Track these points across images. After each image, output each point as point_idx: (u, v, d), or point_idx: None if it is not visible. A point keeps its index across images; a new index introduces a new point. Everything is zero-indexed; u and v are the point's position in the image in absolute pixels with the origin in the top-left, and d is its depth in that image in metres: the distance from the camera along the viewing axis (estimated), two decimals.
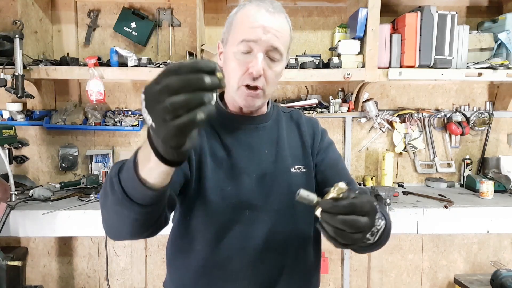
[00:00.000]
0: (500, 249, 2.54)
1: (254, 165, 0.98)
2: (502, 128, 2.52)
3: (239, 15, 0.93)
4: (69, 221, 1.86)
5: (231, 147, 0.99)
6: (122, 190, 0.65)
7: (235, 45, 0.91)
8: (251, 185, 0.97)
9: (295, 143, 1.05)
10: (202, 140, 0.98)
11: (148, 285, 2.48)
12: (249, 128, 1.02)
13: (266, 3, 0.91)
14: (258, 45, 0.89)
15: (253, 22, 0.89)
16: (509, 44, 2.14)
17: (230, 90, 0.96)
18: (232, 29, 0.93)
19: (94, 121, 2.32)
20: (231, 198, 0.94)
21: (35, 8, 2.15)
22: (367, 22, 2.04)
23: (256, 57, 0.89)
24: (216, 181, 0.95)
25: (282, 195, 0.98)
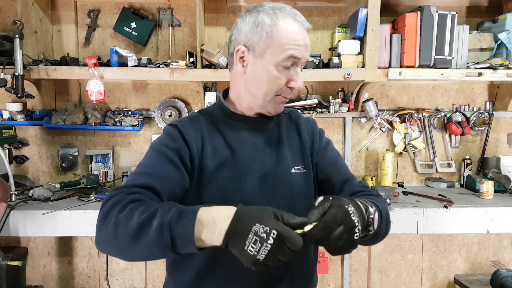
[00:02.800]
0: (500, 249, 2.54)
1: (257, 165, 1.00)
2: (502, 128, 2.52)
3: (281, 30, 0.92)
4: (69, 221, 1.86)
5: (235, 146, 1.00)
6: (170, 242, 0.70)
7: (279, 58, 0.92)
8: (254, 185, 0.98)
9: (295, 144, 1.07)
10: (204, 141, 0.98)
11: (148, 285, 2.48)
12: (253, 129, 1.03)
13: (301, 17, 0.95)
14: (300, 62, 0.95)
15: (299, 40, 0.92)
16: (509, 44, 2.14)
17: (258, 99, 0.98)
18: (273, 41, 0.92)
19: (94, 121, 2.32)
20: (234, 198, 0.95)
21: (35, 8, 2.15)
22: (367, 22, 2.04)
23: (297, 73, 0.95)
24: (219, 181, 0.96)
25: (284, 195, 1.00)
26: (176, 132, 0.98)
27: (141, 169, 0.91)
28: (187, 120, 1.02)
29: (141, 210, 0.74)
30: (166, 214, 0.72)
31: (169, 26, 2.37)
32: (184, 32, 2.38)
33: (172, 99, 2.40)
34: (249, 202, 0.94)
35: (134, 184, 0.84)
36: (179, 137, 0.96)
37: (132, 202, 0.78)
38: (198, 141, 0.98)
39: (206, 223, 0.70)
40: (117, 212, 0.76)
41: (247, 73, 0.98)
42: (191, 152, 0.95)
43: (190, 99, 2.43)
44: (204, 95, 2.30)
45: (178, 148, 0.94)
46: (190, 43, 2.37)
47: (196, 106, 2.42)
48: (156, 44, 2.37)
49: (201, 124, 1.02)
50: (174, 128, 0.99)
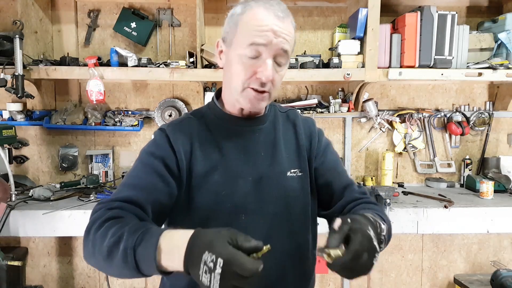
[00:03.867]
0: (500, 249, 2.54)
1: (250, 169, 0.96)
2: (502, 128, 2.52)
3: (246, 17, 0.88)
4: (69, 221, 1.86)
5: (226, 149, 0.96)
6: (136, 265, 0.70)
7: (242, 47, 0.88)
8: (247, 189, 0.94)
9: (291, 146, 1.03)
10: (193, 145, 0.95)
11: (148, 285, 2.48)
12: (245, 130, 0.99)
13: (274, 6, 0.88)
14: (268, 49, 0.87)
15: (263, 25, 0.86)
16: (509, 44, 2.14)
17: (233, 92, 0.93)
18: (238, 30, 0.89)
19: (94, 121, 2.32)
20: (226, 203, 0.92)
21: (35, 8, 2.15)
22: (367, 22, 2.04)
23: (265, 62, 0.87)
24: (210, 186, 0.93)
25: (279, 199, 0.96)
26: (163, 137, 0.94)
27: (126, 181, 0.90)
28: (177, 123, 0.99)
29: (112, 232, 0.73)
30: (131, 238, 0.71)
31: (169, 26, 2.37)
32: (184, 32, 2.38)
33: (172, 99, 2.40)
34: (241, 206, 0.93)
35: (117, 198, 0.83)
36: (165, 143, 0.93)
37: (109, 219, 0.77)
38: (187, 145, 0.94)
39: (165, 250, 0.68)
40: (94, 230, 0.76)
41: (224, 66, 0.96)
42: (178, 158, 0.92)
43: (190, 99, 2.43)
44: (204, 95, 2.29)
45: (163, 156, 0.91)
46: (190, 43, 2.37)
47: (196, 106, 2.42)
48: (156, 44, 2.37)
49: (192, 127, 0.98)
50: (162, 133, 0.96)
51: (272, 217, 0.95)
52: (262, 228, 0.94)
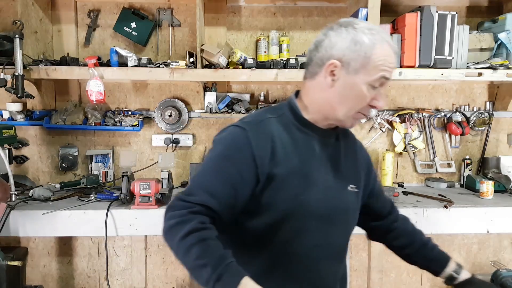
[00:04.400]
0: (500, 249, 2.54)
1: (322, 177, 1.02)
2: (502, 128, 2.52)
3: (378, 52, 0.94)
4: (69, 221, 1.86)
5: (306, 156, 1.00)
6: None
7: (371, 78, 0.95)
8: (319, 197, 1.00)
9: (352, 163, 1.11)
10: (274, 147, 0.96)
11: (148, 285, 2.48)
12: (322, 141, 1.04)
13: (393, 44, 1.00)
14: (385, 84, 0.98)
15: (391, 63, 0.97)
16: (509, 44, 2.14)
17: (338, 112, 0.99)
18: (370, 62, 0.94)
19: (94, 121, 2.32)
20: (301, 207, 0.97)
21: (35, 8, 2.15)
22: None
23: (381, 94, 0.98)
24: (291, 189, 0.96)
25: (342, 211, 1.05)
26: (244, 139, 0.95)
27: (201, 181, 0.94)
28: (257, 124, 0.99)
29: (196, 252, 0.82)
30: (214, 272, 0.79)
31: (169, 26, 2.37)
32: (184, 32, 2.38)
33: (172, 99, 2.40)
34: (313, 212, 0.99)
35: (196, 201, 0.88)
36: (246, 147, 0.94)
37: (193, 232, 0.84)
38: (268, 148, 0.95)
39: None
40: (179, 237, 0.84)
41: (335, 87, 0.97)
42: (257, 163, 0.93)
43: (190, 99, 2.43)
44: (204, 95, 2.30)
45: (241, 164, 0.93)
46: (190, 43, 2.37)
47: (196, 106, 2.42)
48: (156, 44, 2.37)
49: (271, 127, 0.99)
50: (243, 133, 0.96)
51: (335, 225, 1.03)
52: (326, 234, 1.02)
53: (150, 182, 1.90)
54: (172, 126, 2.39)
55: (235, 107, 2.30)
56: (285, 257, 0.90)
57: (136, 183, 1.91)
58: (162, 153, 2.40)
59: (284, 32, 2.36)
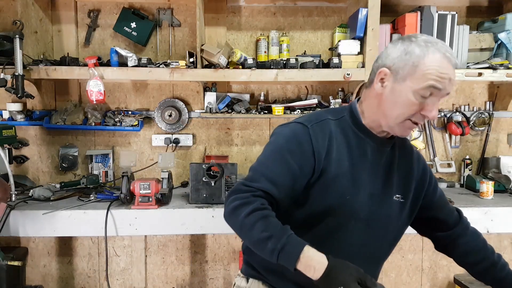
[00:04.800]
0: (500, 249, 2.54)
1: (370, 183, 1.06)
2: (502, 128, 2.52)
3: (428, 61, 0.96)
4: (69, 221, 1.86)
5: (358, 160, 1.05)
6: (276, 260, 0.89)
7: (419, 85, 0.96)
8: (364, 200, 1.05)
9: (403, 172, 1.12)
10: (330, 147, 1.03)
11: (148, 285, 2.48)
12: (376, 148, 1.08)
13: (452, 56, 0.97)
14: (440, 93, 0.97)
15: (444, 73, 0.95)
16: (509, 44, 2.14)
17: (389, 119, 1.02)
18: (417, 70, 0.96)
19: (94, 121, 2.32)
20: (346, 206, 1.03)
21: (35, 8, 2.15)
22: (367, 22, 2.04)
23: (434, 103, 0.98)
24: (339, 188, 1.02)
25: (383, 219, 1.08)
26: (306, 135, 1.02)
27: (263, 170, 1.00)
28: (318, 123, 1.06)
29: (261, 227, 0.91)
30: (278, 242, 0.88)
31: (169, 26, 2.37)
32: (184, 32, 2.38)
33: (172, 99, 2.40)
34: (356, 213, 1.04)
35: (259, 187, 0.96)
36: (307, 143, 1.01)
37: (257, 210, 0.92)
38: (325, 146, 1.02)
39: (304, 265, 0.87)
40: (244, 215, 0.92)
41: (384, 94, 1.02)
42: (316, 158, 1.01)
43: (190, 99, 2.43)
44: (204, 95, 2.30)
45: (302, 157, 1.00)
46: (190, 43, 2.37)
47: (196, 106, 2.42)
48: (156, 44, 2.37)
49: (330, 127, 1.06)
50: (305, 129, 1.03)
51: (374, 229, 1.07)
52: (363, 235, 1.07)
53: (150, 182, 1.90)
54: (172, 126, 2.39)
55: (235, 107, 2.30)
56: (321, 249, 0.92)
57: (136, 183, 1.91)
58: (162, 153, 2.40)
59: (284, 32, 2.36)
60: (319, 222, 1.03)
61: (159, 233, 2.23)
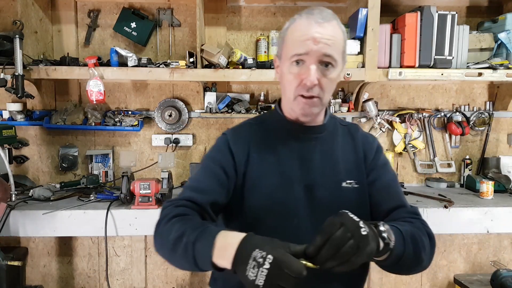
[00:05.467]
0: (500, 249, 2.54)
1: (304, 175, 1.00)
2: (502, 128, 2.52)
3: (290, 30, 0.95)
4: (69, 221, 1.86)
5: (282, 154, 1.01)
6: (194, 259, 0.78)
7: (288, 59, 0.94)
8: (300, 196, 0.98)
9: (349, 157, 1.05)
10: (250, 148, 1.02)
11: (148, 285, 2.48)
12: (302, 138, 1.03)
13: (315, 15, 0.92)
14: (310, 57, 0.91)
15: (303, 35, 0.91)
16: (509, 44, 2.14)
17: (287, 102, 1.00)
18: (285, 44, 0.96)
19: (94, 121, 2.32)
20: (278, 206, 0.97)
21: (35, 8, 2.15)
22: (367, 22, 2.04)
23: (308, 68, 0.92)
24: (264, 188, 0.98)
25: (331, 209, 0.92)
26: (224, 141, 1.04)
27: (190, 184, 1.00)
28: (236, 128, 1.08)
29: (177, 227, 0.83)
30: (192, 234, 0.79)
31: (169, 26, 2.37)
32: (184, 32, 2.38)
33: (172, 99, 2.40)
34: (293, 212, 0.97)
35: (181, 198, 0.94)
36: (225, 148, 1.02)
37: (176, 216, 0.87)
38: (245, 149, 1.02)
39: (219, 247, 0.75)
40: (163, 224, 0.87)
41: (280, 80, 1.02)
42: (236, 161, 1.00)
43: (190, 99, 2.43)
44: (204, 95, 2.29)
45: (222, 160, 1.00)
46: (190, 43, 2.37)
47: (196, 106, 2.42)
48: (156, 44, 2.37)
49: (250, 131, 1.06)
50: (223, 137, 1.05)
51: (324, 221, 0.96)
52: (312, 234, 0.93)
53: (150, 182, 1.90)
54: (172, 126, 2.39)
55: (235, 107, 2.30)
56: None
57: (136, 183, 1.91)
58: (162, 153, 2.40)
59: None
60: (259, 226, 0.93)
61: None
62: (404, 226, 0.90)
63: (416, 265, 0.91)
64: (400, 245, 0.85)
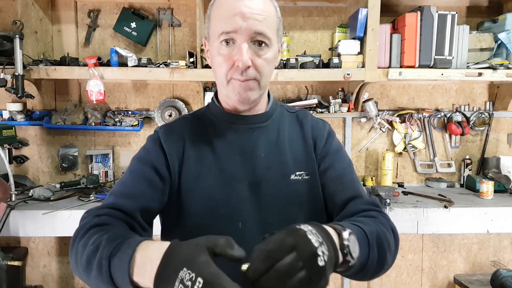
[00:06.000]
0: (500, 249, 2.54)
1: (247, 171, 0.88)
2: (502, 128, 2.52)
3: (215, 6, 0.85)
4: (69, 221, 1.86)
5: (221, 150, 0.89)
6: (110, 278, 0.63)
7: (216, 39, 0.83)
8: (243, 194, 0.87)
9: (298, 146, 0.93)
10: (185, 146, 0.90)
11: None
12: (242, 129, 0.91)
13: None
14: (240, 35, 0.80)
15: (229, 10, 0.80)
16: (509, 44, 2.14)
17: (221, 88, 0.88)
18: (211, 23, 0.86)
19: (94, 121, 2.32)
20: (219, 208, 0.85)
21: (35, 8, 2.15)
22: (367, 22, 2.04)
23: (240, 48, 0.80)
24: (202, 190, 0.86)
25: (280, 206, 0.87)
26: (155, 139, 0.91)
27: (114, 189, 0.86)
28: (169, 124, 0.96)
29: (93, 240, 0.68)
30: (107, 247, 0.64)
31: (169, 26, 2.37)
32: (184, 32, 2.38)
33: (172, 99, 2.40)
34: (237, 213, 0.85)
35: (105, 205, 0.81)
36: (156, 146, 0.89)
37: (94, 226, 0.73)
38: (179, 146, 0.89)
39: (139, 264, 0.61)
40: (78, 239, 0.72)
41: (211, 64, 0.90)
42: (168, 160, 0.88)
43: (190, 99, 2.43)
44: (204, 95, 2.29)
45: (153, 160, 0.87)
46: (190, 43, 2.37)
47: (196, 106, 2.42)
48: (156, 44, 2.37)
49: (185, 127, 0.93)
50: (154, 136, 0.92)
51: (272, 226, 0.83)
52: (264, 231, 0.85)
53: None
54: None
55: None
56: None
57: None
58: None
59: (284, 32, 2.36)
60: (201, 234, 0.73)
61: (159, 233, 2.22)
62: (368, 225, 0.78)
63: (380, 270, 0.78)
64: (365, 253, 0.72)
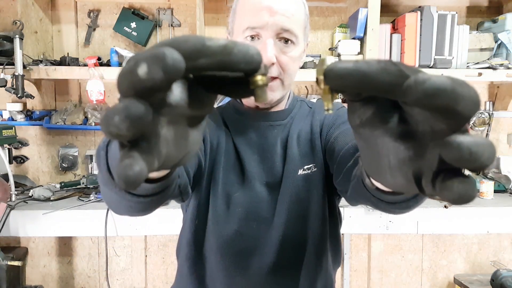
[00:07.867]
0: (500, 249, 2.54)
1: (266, 170, 0.85)
2: (502, 128, 2.52)
3: (241, 2, 0.82)
4: (69, 221, 1.86)
5: (241, 148, 0.87)
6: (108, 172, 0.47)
7: (241, 34, 0.80)
8: (262, 194, 0.84)
9: (305, 139, 0.88)
10: (219, 136, 0.88)
11: (148, 285, 2.48)
12: (262, 126, 0.88)
13: None
14: (266, 31, 0.77)
15: (256, 5, 0.77)
16: (509, 44, 2.14)
17: None
18: (236, 17, 0.83)
19: (94, 121, 2.32)
20: (237, 207, 0.83)
21: (35, 8, 2.15)
22: (367, 22, 2.04)
23: (265, 43, 0.77)
24: (224, 185, 0.84)
25: (290, 204, 0.83)
26: None
27: None
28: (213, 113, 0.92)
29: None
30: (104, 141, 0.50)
31: (169, 26, 2.37)
32: (184, 32, 2.38)
33: None
34: (253, 213, 0.84)
35: None
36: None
37: None
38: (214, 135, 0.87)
39: None
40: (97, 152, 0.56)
41: None
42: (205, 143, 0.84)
43: None
44: None
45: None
46: None
47: None
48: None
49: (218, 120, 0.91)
50: None
51: (284, 226, 0.82)
52: (274, 240, 0.82)
53: None
54: None
55: None
56: (227, 265, 0.78)
57: None
58: None
59: None
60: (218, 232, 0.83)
61: (159, 233, 2.23)
62: None
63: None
64: None
